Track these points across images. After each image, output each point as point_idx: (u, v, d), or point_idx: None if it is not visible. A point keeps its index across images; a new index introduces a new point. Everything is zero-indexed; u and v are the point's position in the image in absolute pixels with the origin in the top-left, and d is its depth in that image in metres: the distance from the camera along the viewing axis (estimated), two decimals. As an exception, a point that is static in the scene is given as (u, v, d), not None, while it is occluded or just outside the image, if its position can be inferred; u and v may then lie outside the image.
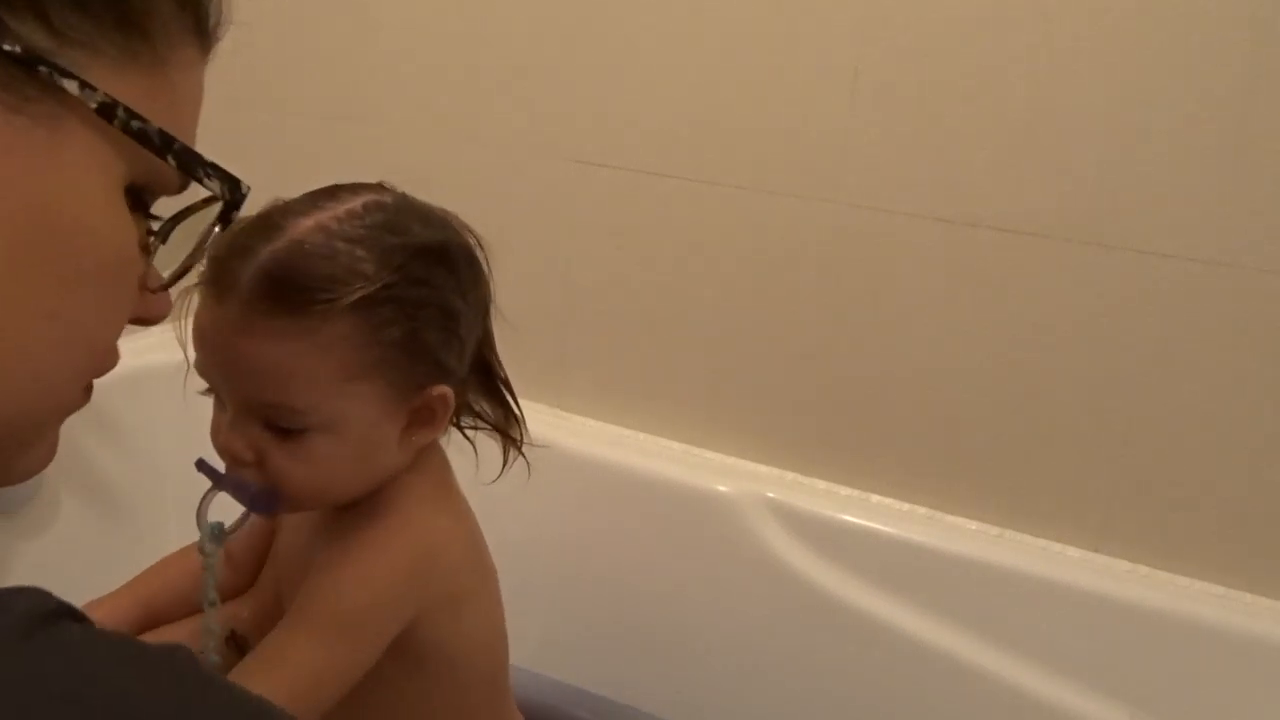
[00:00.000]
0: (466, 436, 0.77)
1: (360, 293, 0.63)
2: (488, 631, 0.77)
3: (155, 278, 0.44)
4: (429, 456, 0.74)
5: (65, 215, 0.37)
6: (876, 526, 1.06)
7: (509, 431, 0.77)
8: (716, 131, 1.08)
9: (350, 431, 0.66)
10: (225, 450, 0.67)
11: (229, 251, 0.65)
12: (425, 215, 0.70)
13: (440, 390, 0.69)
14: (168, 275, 0.45)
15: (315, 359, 0.64)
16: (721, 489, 1.10)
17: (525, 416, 0.78)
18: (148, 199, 0.42)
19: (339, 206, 0.66)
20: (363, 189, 0.69)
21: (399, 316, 0.65)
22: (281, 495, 0.67)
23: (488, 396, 0.77)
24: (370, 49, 1.23)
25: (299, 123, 1.28)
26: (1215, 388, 0.96)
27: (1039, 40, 0.94)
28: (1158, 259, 0.95)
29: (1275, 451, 0.95)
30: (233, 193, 0.44)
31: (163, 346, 1.26)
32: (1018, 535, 1.05)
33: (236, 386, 0.65)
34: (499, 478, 0.76)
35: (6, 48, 0.34)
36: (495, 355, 0.77)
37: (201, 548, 0.70)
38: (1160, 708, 0.95)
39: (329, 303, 0.63)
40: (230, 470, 0.67)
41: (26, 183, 0.35)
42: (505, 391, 0.78)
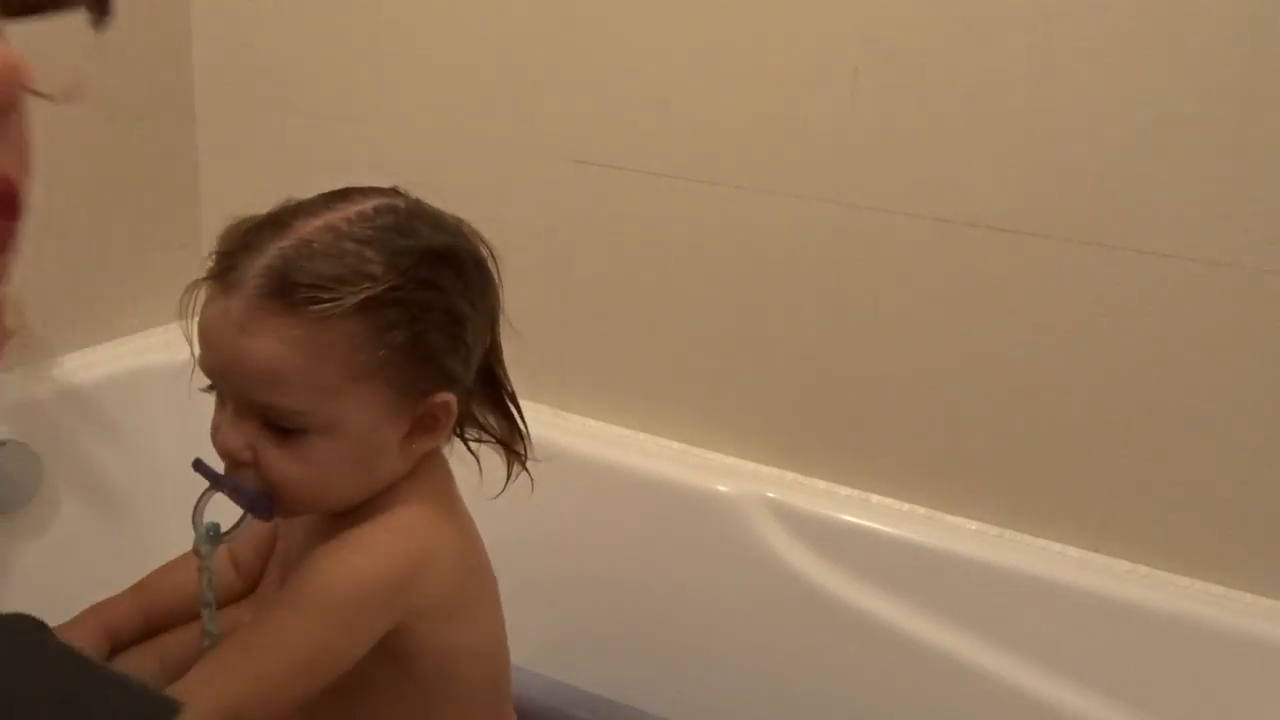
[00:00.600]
0: (470, 449, 0.76)
1: (366, 294, 0.63)
2: (487, 641, 0.75)
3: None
4: (431, 465, 0.73)
5: None
6: (876, 526, 1.06)
7: (513, 445, 0.76)
8: (716, 131, 1.08)
9: (350, 434, 0.65)
10: (223, 449, 0.66)
11: (236, 247, 0.64)
12: (436, 220, 0.69)
13: (444, 397, 0.68)
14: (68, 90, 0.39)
15: (318, 360, 0.63)
16: (721, 489, 1.10)
17: (527, 416, 0.77)
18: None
19: (350, 208, 0.66)
20: (375, 192, 0.69)
21: (404, 319, 0.65)
22: (279, 498, 0.66)
23: (493, 408, 0.76)
24: (370, 49, 1.23)
25: (299, 122, 1.28)
26: (1215, 388, 0.96)
27: (1039, 40, 0.94)
28: (1158, 259, 0.95)
29: (1275, 451, 0.95)
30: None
31: (162, 347, 1.27)
32: (1018, 535, 1.05)
33: (237, 384, 0.65)
34: (501, 492, 0.75)
35: None
36: (502, 367, 0.76)
37: (197, 549, 0.69)
38: (1160, 708, 0.95)
39: (334, 303, 0.62)
40: (228, 471, 0.66)
41: None
42: (511, 404, 0.77)
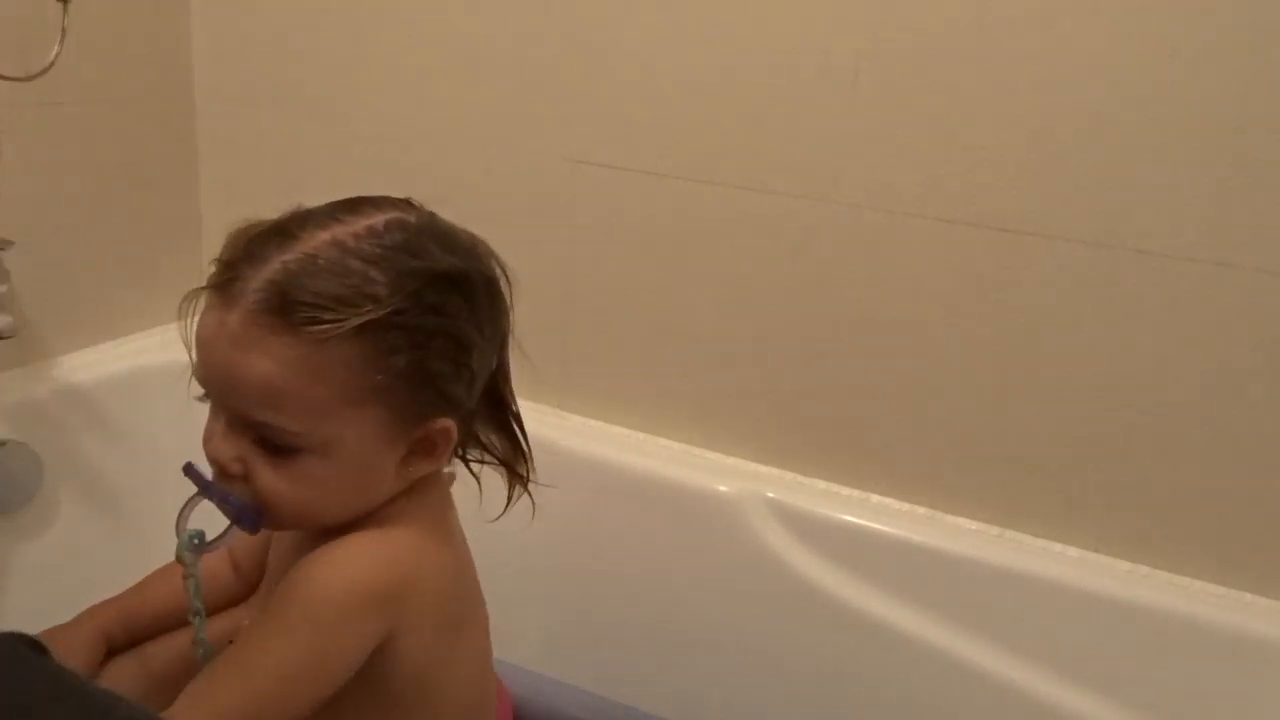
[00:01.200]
0: (471, 470, 0.75)
1: (369, 316, 0.60)
2: (470, 668, 0.74)
3: None
4: (429, 486, 0.71)
5: None
6: (876, 526, 1.06)
7: (515, 467, 0.75)
8: (716, 131, 1.08)
9: (345, 457, 0.64)
10: (214, 460, 0.65)
11: (239, 256, 0.62)
12: (449, 239, 0.66)
13: (444, 423, 0.66)
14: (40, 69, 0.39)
15: (314, 381, 0.61)
16: (721, 489, 1.10)
17: (525, 416, 0.77)
18: None
19: (359, 222, 0.64)
20: (387, 205, 0.66)
21: (407, 344, 0.62)
22: (267, 513, 0.65)
23: (496, 429, 0.74)
24: (370, 49, 1.23)
25: (299, 122, 1.28)
26: (1215, 388, 0.96)
27: (1039, 40, 0.94)
28: (1158, 259, 0.95)
29: (1275, 451, 0.95)
30: None
31: (163, 347, 1.27)
32: (1018, 535, 1.05)
33: (231, 399, 0.63)
34: (502, 515, 0.74)
35: None
36: (509, 387, 0.74)
37: (180, 557, 0.67)
38: (1160, 708, 0.95)
39: (335, 324, 0.60)
40: (218, 480, 0.65)
41: None
42: (515, 426, 0.75)
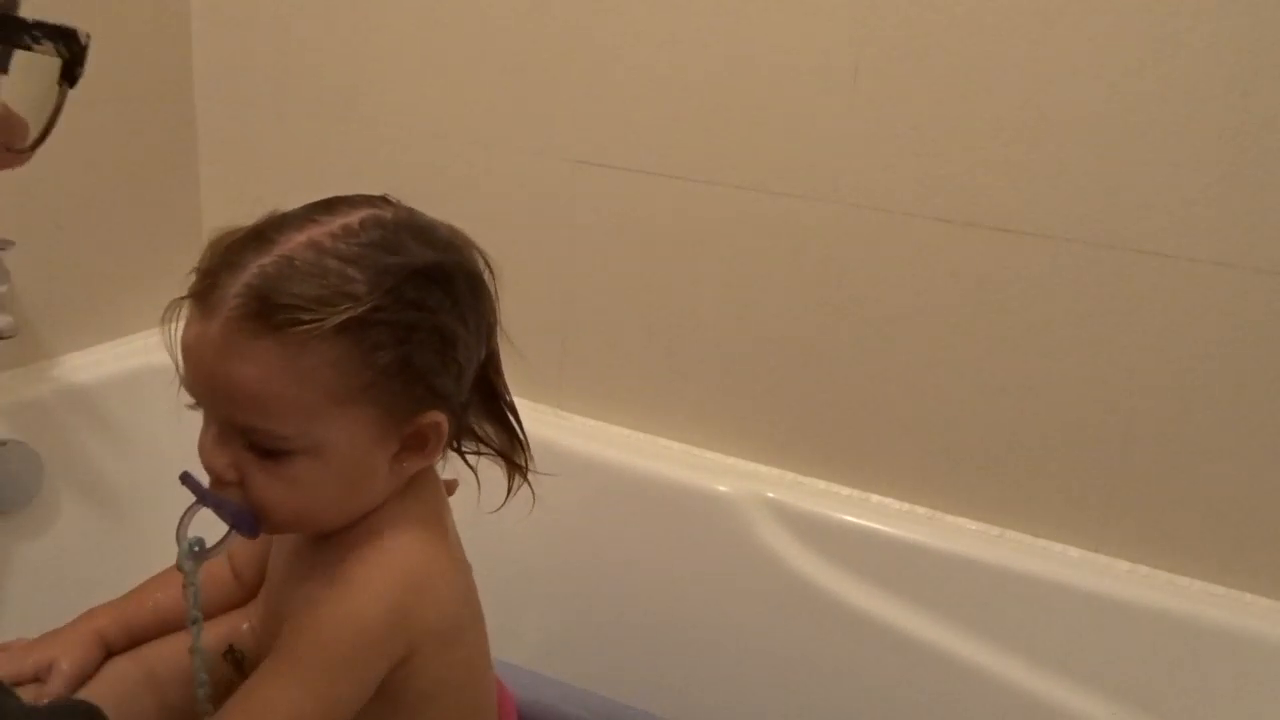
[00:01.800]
0: (468, 463, 0.75)
1: (348, 314, 0.60)
2: (473, 671, 0.74)
3: (13, 136, 0.40)
4: (421, 485, 0.71)
5: None
6: (876, 526, 1.06)
7: (512, 457, 0.75)
8: (716, 131, 1.08)
9: (336, 457, 0.64)
10: (208, 468, 0.65)
11: (218, 264, 0.62)
12: (426, 233, 0.66)
13: (434, 417, 0.66)
14: (30, 141, 0.41)
15: (300, 383, 0.61)
16: (721, 489, 1.10)
17: (524, 417, 0.76)
18: None
19: (334, 221, 0.64)
20: (363, 203, 0.66)
21: (390, 341, 0.62)
22: (264, 518, 0.65)
23: (491, 420, 0.74)
24: (370, 49, 1.23)
25: (299, 122, 1.28)
26: (1215, 388, 0.96)
27: (1039, 40, 0.94)
28: (1158, 259, 0.95)
29: (1275, 452, 0.95)
30: (70, 48, 0.39)
31: (163, 348, 1.26)
32: (1018, 535, 1.05)
33: (219, 406, 0.63)
34: (502, 506, 0.74)
35: None
36: (500, 377, 0.74)
37: (180, 566, 0.67)
38: (1160, 708, 0.95)
39: (316, 324, 0.60)
40: (214, 488, 0.65)
41: None
42: (510, 415, 0.75)
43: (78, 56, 0.40)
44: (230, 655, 0.75)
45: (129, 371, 1.22)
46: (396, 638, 0.65)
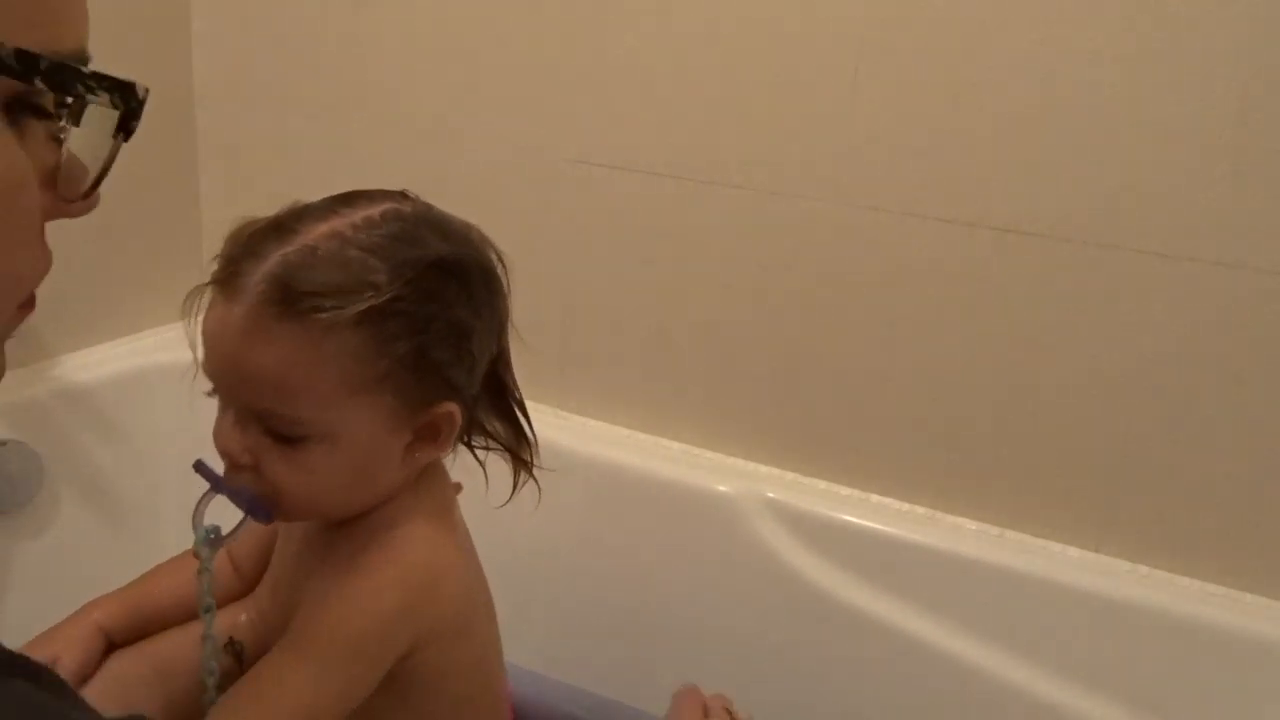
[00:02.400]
0: (476, 457, 0.75)
1: (369, 303, 0.62)
2: (484, 661, 0.75)
3: (72, 186, 0.41)
4: (431, 477, 0.72)
5: None
6: (876, 526, 1.06)
7: (519, 453, 0.76)
8: (716, 131, 1.08)
9: (351, 444, 0.65)
10: (224, 453, 0.66)
11: (241, 252, 0.64)
12: (444, 228, 0.68)
13: (447, 408, 0.67)
14: (87, 185, 0.42)
15: (318, 369, 0.62)
16: (721, 489, 1.10)
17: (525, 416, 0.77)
18: (37, 110, 0.38)
19: (356, 214, 0.65)
20: (382, 196, 0.68)
21: (408, 331, 0.64)
22: (278, 503, 0.65)
23: (500, 416, 0.75)
24: (370, 49, 1.23)
25: (299, 123, 1.28)
26: (1215, 388, 0.96)
27: (1039, 40, 0.94)
28: (1158, 259, 0.95)
29: (1275, 452, 0.95)
30: (126, 100, 0.40)
31: (163, 347, 1.27)
32: (1018, 535, 1.05)
33: (238, 391, 0.64)
34: (508, 501, 0.74)
35: None
36: (510, 374, 0.75)
37: (196, 552, 0.68)
38: (1160, 708, 0.95)
39: (336, 311, 0.61)
40: (228, 474, 0.66)
41: None
42: (519, 411, 0.76)
43: (135, 110, 0.40)
44: (230, 647, 0.76)
45: (129, 371, 1.22)
46: (405, 628, 0.66)
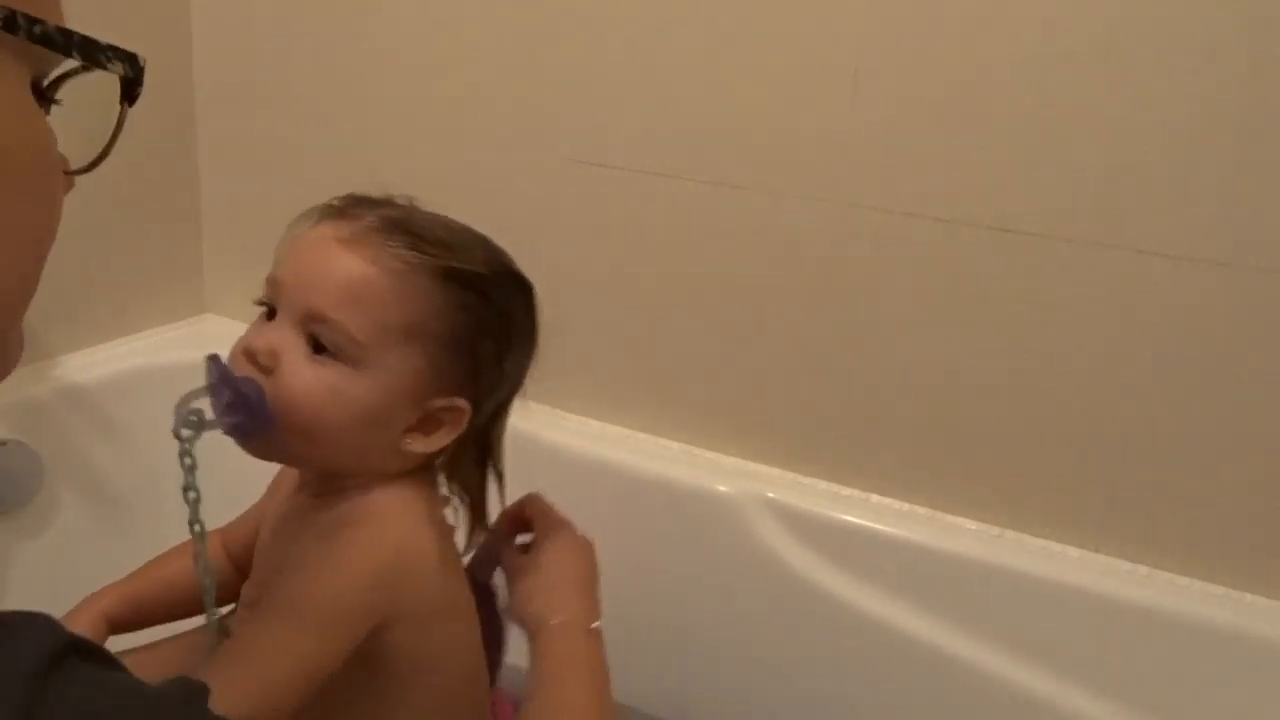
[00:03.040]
0: (450, 495, 0.76)
1: (461, 266, 0.67)
2: (462, 648, 0.75)
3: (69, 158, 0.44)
4: (420, 479, 0.73)
5: None
6: (876, 526, 1.06)
7: (482, 510, 0.77)
8: (716, 131, 1.08)
9: (375, 384, 0.66)
10: (249, 349, 0.66)
11: (349, 201, 0.69)
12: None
13: (459, 403, 0.69)
14: (90, 161, 0.45)
15: (393, 300, 0.65)
16: (721, 489, 1.10)
17: (526, 416, 0.77)
18: (49, 87, 0.42)
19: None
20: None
21: (475, 310, 0.68)
22: (273, 420, 0.64)
23: (474, 467, 0.76)
24: (370, 49, 1.23)
25: (299, 122, 1.28)
26: (1215, 388, 0.96)
27: (1039, 40, 0.94)
28: (1158, 259, 0.95)
29: (1275, 452, 0.95)
30: (134, 68, 0.44)
31: (163, 347, 1.27)
32: (1018, 535, 1.05)
33: (304, 294, 0.66)
34: (464, 554, 0.77)
35: None
36: (501, 440, 0.77)
37: (176, 432, 0.66)
38: (1160, 708, 0.95)
39: (430, 258, 0.66)
40: (236, 371, 0.66)
41: None
42: (494, 475, 0.77)
43: (138, 76, 0.44)
44: (224, 622, 0.76)
45: (129, 371, 1.22)
46: (376, 601, 0.66)
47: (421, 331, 0.66)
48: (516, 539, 0.82)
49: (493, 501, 0.79)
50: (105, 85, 0.43)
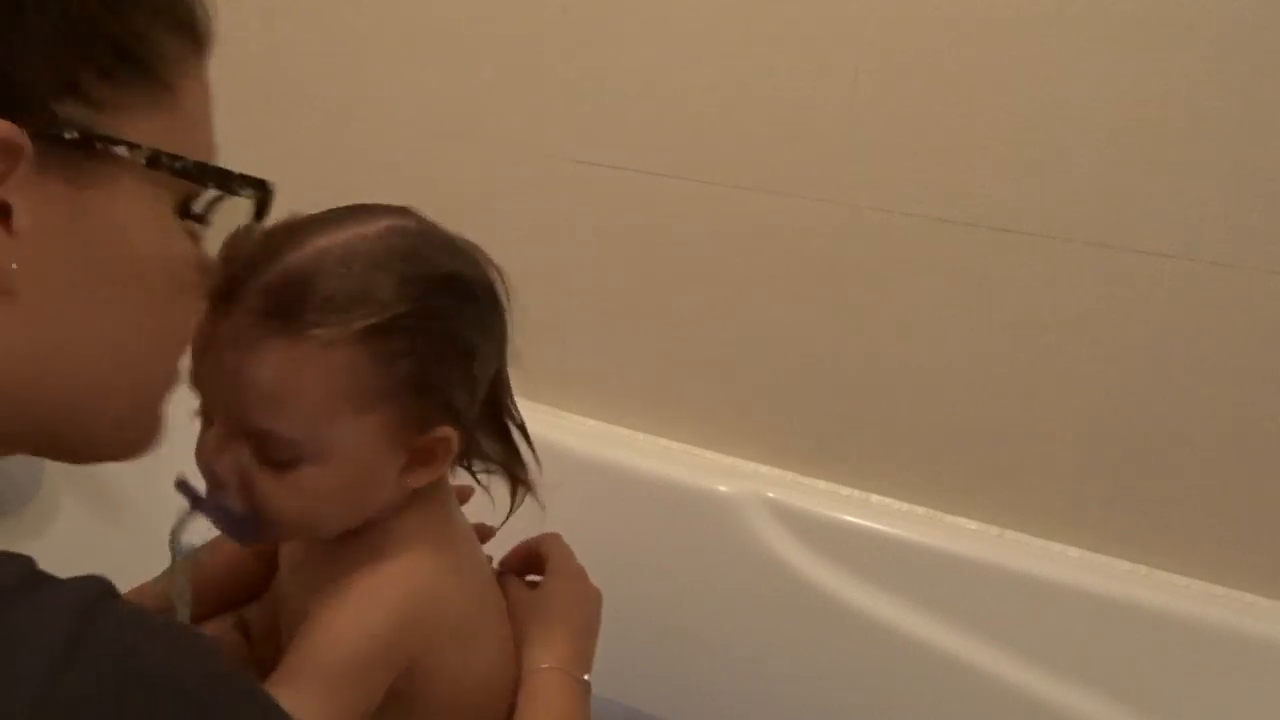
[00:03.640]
0: (477, 480, 0.74)
1: (373, 319, 0.59)
2: (492, 668, 0.73)
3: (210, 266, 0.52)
4: (432, 494, 0.70)
5: (135, 252, 0.45)
6: (876, 526, 1.06)
7: (516, 472, 0.74)
8: (716, 131, 1.08)
9: (344, 465, 0.62)
10: (209, 471, 0.63)
11: (240, 262, 0.61)
12: (449, 246, 0.66)
13: (444, 432, 0.65)
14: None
15: (317, 385, 0.60)
16: (721, 489, 1.10)
17: (525, 416, 0.76)
18: (193, 206, 0.49)
19: (359, 227, 0.63)
20: (384, 211, 0.65)
21: (411, 349, 0.61)
22: (265, 524, 0.63)
23: (496, 437, 0.73)
24: (370, 49, 1.23)
25: (299, 122, 1.28)
26: (1215, 388, 0.96)
27: (1039, 40, 0.94)
28: (1158, 259, 0.95)
29: (1276, 451, 0.95)
30: (262, 193, 0.51)
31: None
32: (1018, 535, 1.05)
33: (229, 405, 0.61)
34: (505, 521, 0.74)
35: (67, 136, 0.40)
36: (509, 395, 0.73)
37: (172, 578, 0.65)
38: (1160, 708, 0.95)
39: (338, 326, 0.59)
40: (211, 493, 0.64)
41: (99, 238, 0.43)
42: (517, 433, 0.74)
43: (266, 200, 0.51)
44: (240, 624, 0.75)
45: (129, 371, 1.22)
46: (403, 649, 0.64)
47: (364, 397, 0.61)
48: (526, 577, 0.79)
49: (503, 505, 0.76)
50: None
